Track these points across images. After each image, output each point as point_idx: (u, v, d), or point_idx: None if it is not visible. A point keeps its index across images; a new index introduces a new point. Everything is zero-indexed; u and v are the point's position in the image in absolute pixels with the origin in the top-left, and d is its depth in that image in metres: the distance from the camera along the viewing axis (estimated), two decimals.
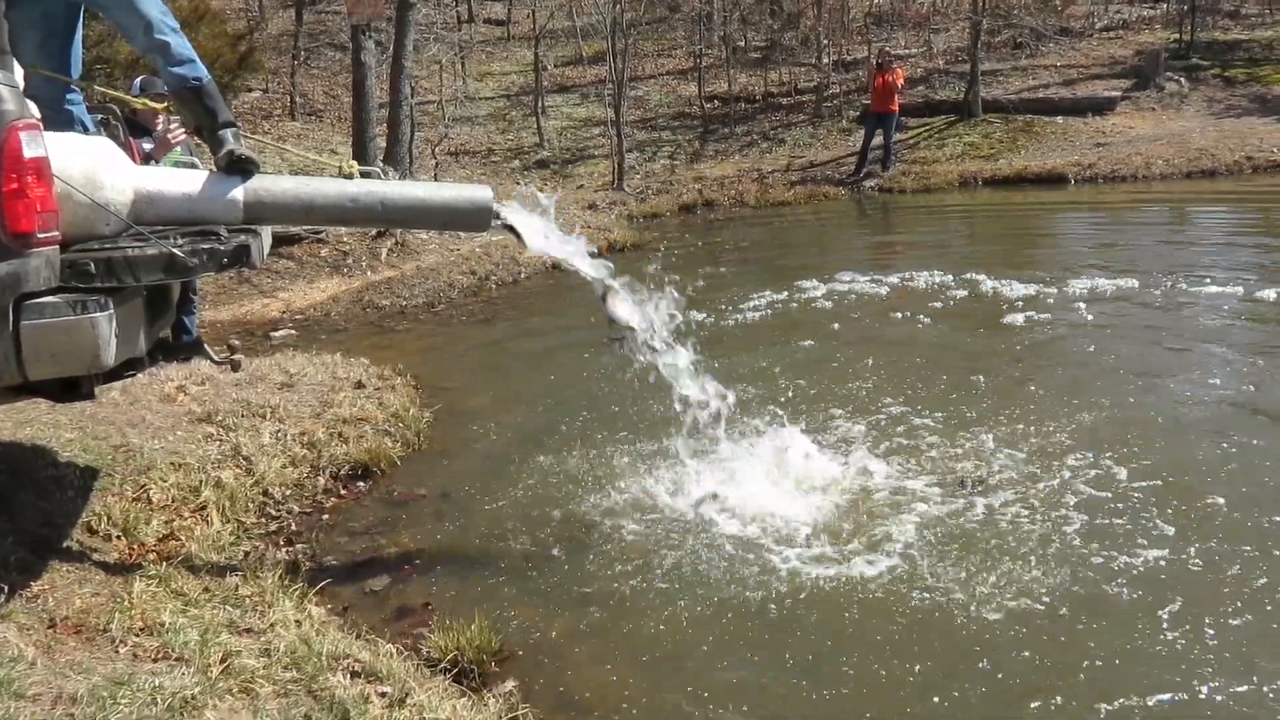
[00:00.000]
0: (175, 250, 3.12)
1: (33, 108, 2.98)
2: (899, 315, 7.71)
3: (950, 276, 8.54)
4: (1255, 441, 4.90)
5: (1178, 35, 18.47)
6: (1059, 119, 16.04)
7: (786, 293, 8.43)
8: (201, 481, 4.53)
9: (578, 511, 4.62)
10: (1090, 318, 7.26)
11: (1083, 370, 6.13)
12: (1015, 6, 18.63)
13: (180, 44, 3.59)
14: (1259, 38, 18.39)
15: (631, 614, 3.76)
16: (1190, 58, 17.55)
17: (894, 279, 8.71)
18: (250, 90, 16.40)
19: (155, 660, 2.97)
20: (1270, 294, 7.39)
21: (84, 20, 3.88)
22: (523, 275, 10.00)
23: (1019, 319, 7.32)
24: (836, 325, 7.49)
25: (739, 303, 8.17)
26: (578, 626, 3.70)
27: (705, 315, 7.82)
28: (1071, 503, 4.36)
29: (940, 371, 6.19)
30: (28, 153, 2.83)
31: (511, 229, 3.98)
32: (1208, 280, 7.94)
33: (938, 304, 7.91)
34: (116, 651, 3.00)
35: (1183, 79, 16.83)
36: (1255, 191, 12.42)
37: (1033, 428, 5.19)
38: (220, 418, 5.18)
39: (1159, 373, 5.98)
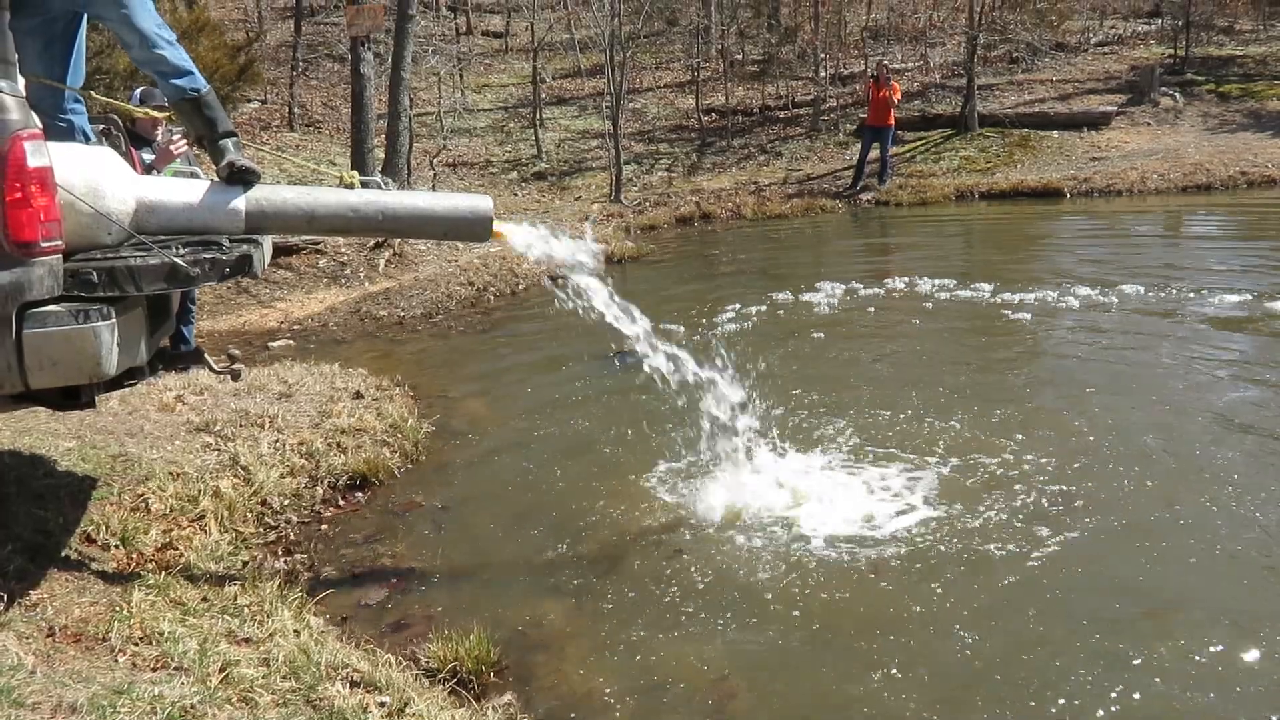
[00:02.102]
0: (177, 260, 3.13)
1: (35, 118, 3.00)
2: (894, 326, 7.80)
3: (947, 287, 8.62)
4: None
5: (1172, 51, 18.58)
6: (1055, 133, 16.12)
7: (783, 303, 8.50)
8: (200, 491, 4.52)
9: (577, 522, 4.62)
10: (1086, 325, 7.33)
11: (1081, 377, 6.17)
12: (1011, 21, 18.73)
13: (177, 56, 3.60)
14: (1253, 53, 18.52)
15: (632, 624, 3.76)
16: (1185, 73, 17.67)
17: (890, 290, 8.80)
18: (249, 101, 16.43)
19: (154, 669, 2.97)
20: (1266, 305, 7.47)
21: (86, 31, 3.88)
22: (520, 286, 10.01)
23: (1014, 327, 7.41)
24: (831, 336, 7.52)
25: (735, 313, 8.21)
26: (577, 637, 3.70)
27: (703, 324, 7.86)
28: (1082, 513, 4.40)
29: (933, 379, 6.23)
30: (32, 162, 2.85)
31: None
32: (1204, 290, 8.03)
33: (934, 313, 7.98)
34: (116, 660, 3.00)
35: (1177, 94, 16.93)
36: (1250, 206, 12.49)
37: (1033, 439, 5.22)
38: (219, 427, 5.19)
39: (1156, 381, 6.02)
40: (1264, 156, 14.06)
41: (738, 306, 8.42)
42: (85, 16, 3.77)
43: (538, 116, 17.42)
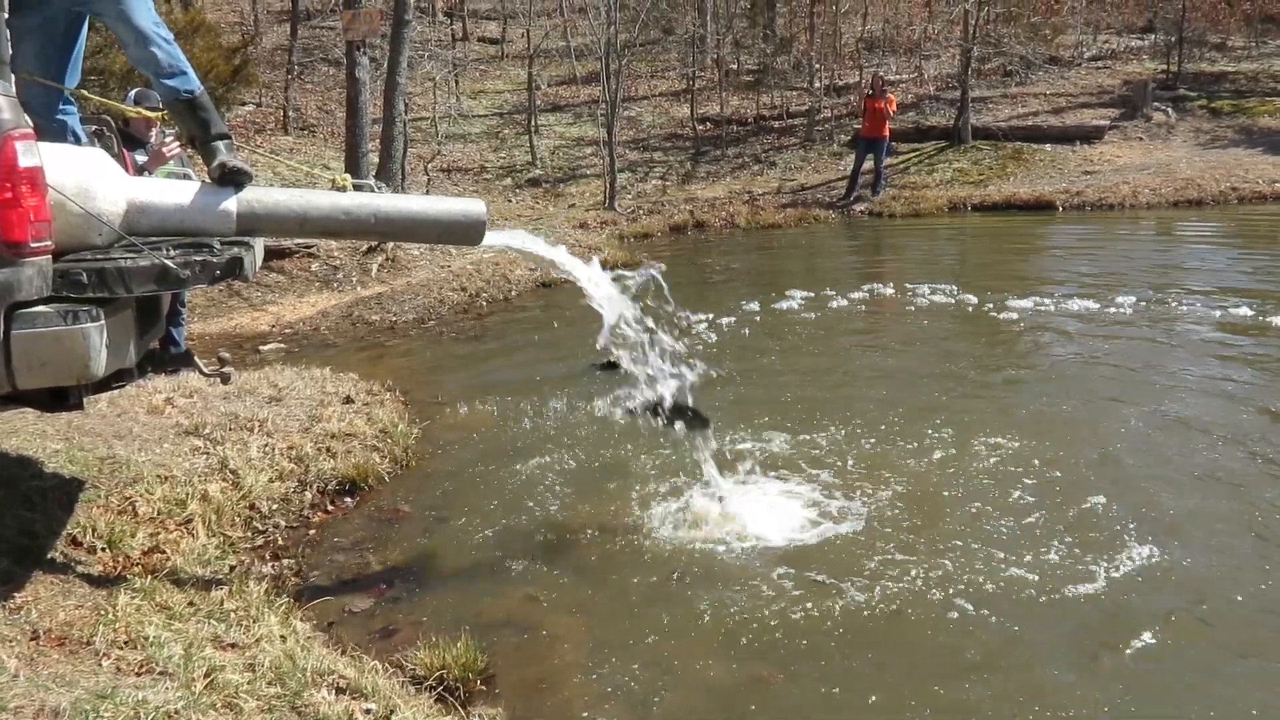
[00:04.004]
0: (168, 261, 3.11)
1: (26, 118, 2.99)
2: (888, 332, 7.86)
3: (940, 296, 8.71)
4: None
5: (1165, 66, 18.68)
6: (1048, 147, 16.18)
7: (777, 310, 8.54)
8: (188, 494, 4.50)
9: (567, 530, 4.61)
10: (1080, 331, 7.46)
11: (1068, 385, 6.24)
12: (1006, 35, 18.81)
13: (173, 56, 3.59)
14: (1245, 70, 18.62)
15: (621, 633, 3.74)
16: (1177, 89, 17.76)
17: (883, 298, 8.88)
18: (244, 104, 16.39)
19: (139, 674, 2.95)
20: (1248, 313, 7.65)
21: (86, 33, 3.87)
22: (513, 293, 10.00)
23: (1009, 334, 7.53)
24: (825, 340, 7.57)
25: (727, 318, 8.23)
26: (564, 645, 3.68)
27: (696, 330, 7.88)
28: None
29: (931, 385, 6.26)
30: (23, 162, 2.83)
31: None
32: (1195, 302, 8.15)
33: (927, 322, 8.05)
34: (100, 665, 2.97)
35: (1170, 109, 17.02)
36: (1240, 220, 12.57)
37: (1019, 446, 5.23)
38: (208, 430, 5.16)
39: (1145, 390, 6.06)
40: (1255, 173, 14.14)
41: (730, 312, 8.45)
42: (87, 18, 3.76)
43: (533, 123, 17.42)
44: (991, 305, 8.32)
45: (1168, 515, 4.47)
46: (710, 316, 8.35)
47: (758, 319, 8.40)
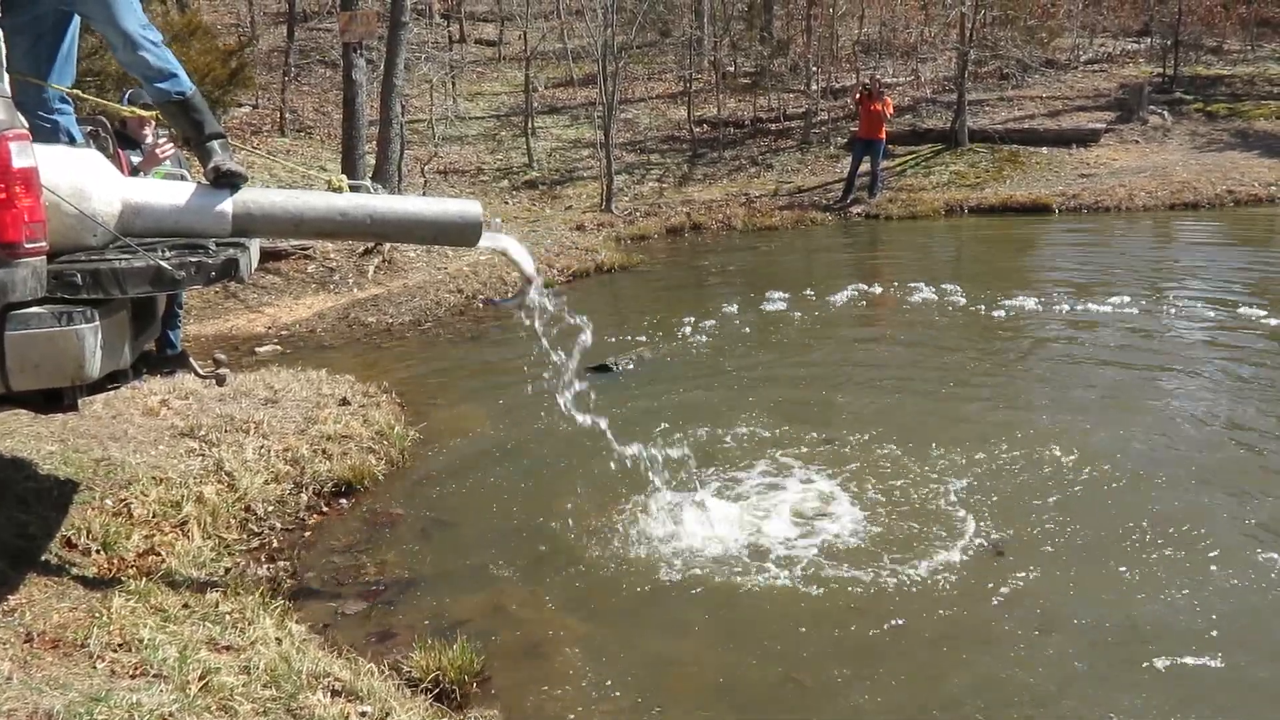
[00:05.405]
0: (163, 263, 3.11)
1: (21, 118, 2.98)
2: (883, 335, 7.87)
3: (935, 297, 8.74)
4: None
5: (1161, 69, 18.71)
6: (1044, 150, 16.20)
7: (771, 312, 8.54)
8: (183, 496, 4.49)
9: (562, 533, 4.61)
10: (1074, 334, 7.51)
11: (1070, 384, 6.26)
12: (1002, 38, 18.83)
13: (160, 58, 3.57)
14: (1241, 73, 18.66)
15: (617, 634, 3.74)
16: (1173, 92, 17.79)
17: (879, 300, 8.89)
18: (240, 106, 16.37)
19: (133, 677, 2.94)
20: (1247, 313, 7.70)
21: (78, 32, 3.86)
22: (510, 295, 9.98)
23: (1001, 337, 7.52)
24: (821, 343, 7.56)
25: (721, 320, 8.23)
26: (560, 648, 3.68)
27: (691, 332, 7.88)
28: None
29: (915, 388, 6.27)
30: (17, 163, 2.82)
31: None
32: (1193, 304, 8.19)
33: (922, 323, 8.08)
34: (94, 667, 2.96)
35: (1166, 113, 17.04)
36: (1237, 223, 12.59)
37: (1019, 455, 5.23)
38: (203, 432, 5.15)
39: (1139, 391, 6.06)
40: (1250, 175, 14.17)
41: (723, 314, 8.45)
42: (75, 17, 3.75)
43: (530, 125, 17.41)
44: (989, 306, 8.34)
45: (1188, 517, 4.48)
46: (693, 319, 8.35)
47: (754, 321, 8.39)
